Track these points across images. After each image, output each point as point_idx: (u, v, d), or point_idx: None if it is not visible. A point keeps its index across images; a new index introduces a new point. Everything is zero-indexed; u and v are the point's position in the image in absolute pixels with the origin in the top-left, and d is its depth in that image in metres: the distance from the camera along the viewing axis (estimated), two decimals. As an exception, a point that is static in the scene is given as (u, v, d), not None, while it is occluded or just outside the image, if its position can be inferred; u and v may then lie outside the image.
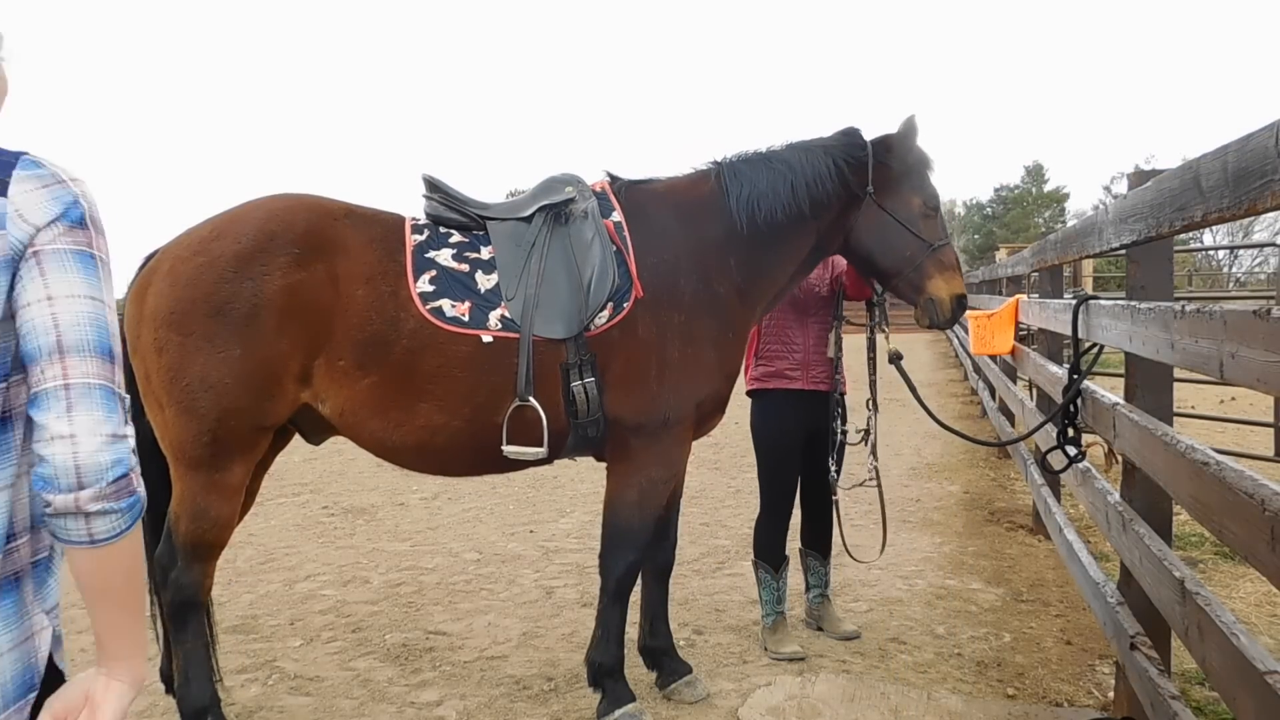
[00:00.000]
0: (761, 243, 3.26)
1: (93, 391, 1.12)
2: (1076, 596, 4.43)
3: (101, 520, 1.11)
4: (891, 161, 3.33)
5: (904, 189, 3.35)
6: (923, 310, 3.39)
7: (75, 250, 1.17)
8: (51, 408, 1.11)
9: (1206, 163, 1.85)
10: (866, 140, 3.38)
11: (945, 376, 16.35)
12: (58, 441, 1.10)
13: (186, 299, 2.82)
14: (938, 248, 3.36)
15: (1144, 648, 2.68)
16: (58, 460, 1.10)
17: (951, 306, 3.37)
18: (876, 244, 3.35)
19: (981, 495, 6.92)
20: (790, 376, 3.88)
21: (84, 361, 1.12)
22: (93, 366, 1.13)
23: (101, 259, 1.20)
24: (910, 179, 3.36)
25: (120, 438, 1.13)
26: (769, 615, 3.94)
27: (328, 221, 2.98)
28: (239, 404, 2.82)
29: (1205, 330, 1.92)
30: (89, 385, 1.12)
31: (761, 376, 3.93)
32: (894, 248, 3.34)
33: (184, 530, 2.91)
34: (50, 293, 1.13)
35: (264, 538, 5.92)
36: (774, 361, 3.91)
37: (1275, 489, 1.65)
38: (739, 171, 3.29)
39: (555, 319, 2.97)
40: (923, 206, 3.36)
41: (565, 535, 5.89)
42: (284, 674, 3.74)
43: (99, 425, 1.11)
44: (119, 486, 1.11)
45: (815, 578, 4.13)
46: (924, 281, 3.34)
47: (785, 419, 3.89)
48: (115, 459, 1.11)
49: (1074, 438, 3.30)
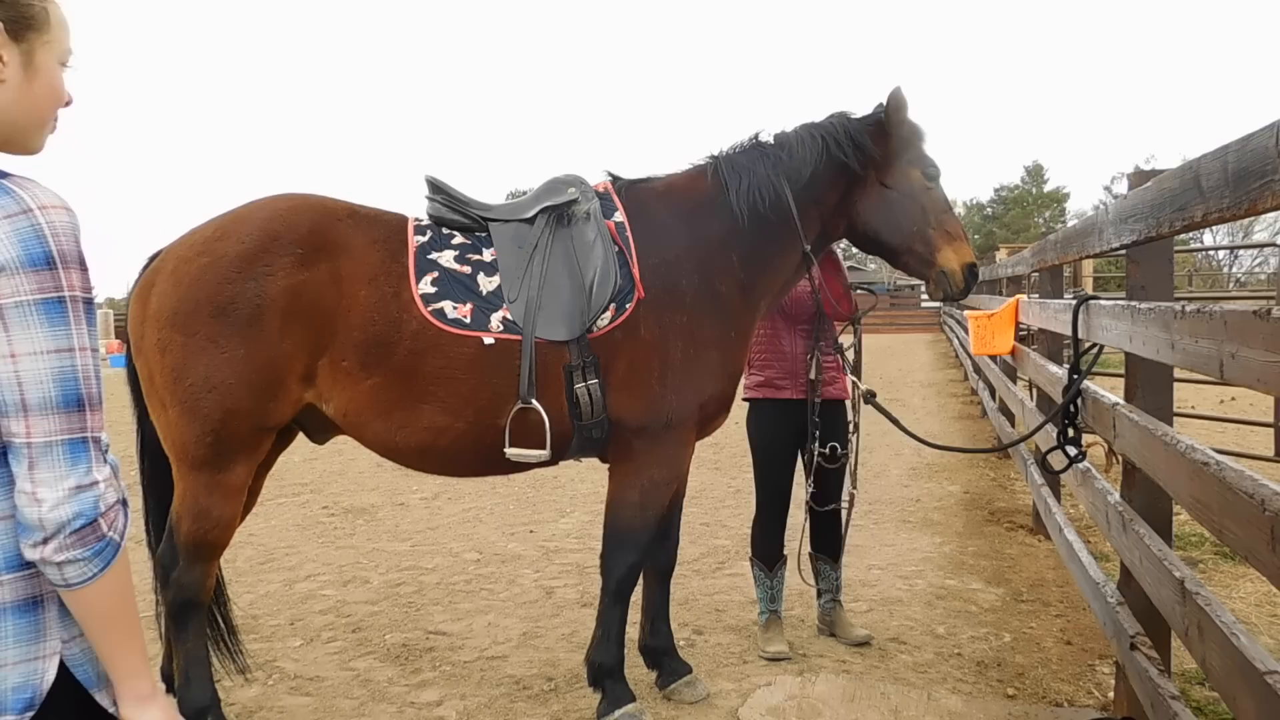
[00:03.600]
0: (765, 235, 3.24)
1: (53, 448, 1.13)
2: (1076, 596, 4.44)
3: (71, 568, 1.14)
4: (887, 137, 3.30)
5: (902, 163, 3.32)
6: (935, 283, 3.36)
7: (39, 300, 1.13)
8: (19, 463, 1.15)
9: (1206, 163, 1.85)
10: (859, 118, 3.36)
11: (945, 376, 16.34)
12: (22, 496, 1.15)
13: (190, 299, 2.82)
14: (943, 218, 3.34)
15: (1144, 648, 2.68)
16: (23, 514, 1.15)
17: (964, 276, 3.33)
18: (883, 222, 3.33)
19: (981, 495, 6.93)
20: (779, 385, 3.89)
21: (45, 419, 1.13)
22: (55, 424, 1.13)
23: (71, 298, 1.15)
24: (906, 152, 3.33)
25: (83, 488, 1.14)
26: (762, 613, 3.97)
27: (331, 222, 2.98)
28: (242, 404, 2.82)
29: (1205, 330, 1.92)
30: (49, 443, 1.13)
31: (753, 385, 3.96)
32: (900, 224, 3.32)
33: (186, 530, 2.91)
34: (13, 350, 1.13)
35: (264, 538, 5.92)
36: (764, 370, 3.93)
37: (1275, 489, 1.66)
38: (736, 164, 3.28)
39: (558, 321, 2.97)
40: (922, 178, 3.34)
41: (565, 535, 5.89)
42: (284, 674, 3.74)
43: (60, 481, 1.13)
44: (80, 536, 1.13)
45: (825, 582, 4.10)
46: (933, 254, 3.31)
47: (777, 426, 3.92)
48: (75, 512, 1.13)
49: (1074, 438, 3.30)
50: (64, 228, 1.17)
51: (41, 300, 1.13)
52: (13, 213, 1.14)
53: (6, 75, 1.24)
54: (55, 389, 1.14)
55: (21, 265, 1.12)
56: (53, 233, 1.15)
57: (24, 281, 1.12)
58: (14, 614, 1.20)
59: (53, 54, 1.28)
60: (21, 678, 1.20)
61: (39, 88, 1.27)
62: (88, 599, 1.18)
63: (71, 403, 1.15)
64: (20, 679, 1.20)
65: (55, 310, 1.14)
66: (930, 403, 12.75)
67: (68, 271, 1.15)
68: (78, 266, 1.17)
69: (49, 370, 1.14)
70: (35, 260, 1.13)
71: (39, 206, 1.16)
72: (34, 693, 1.21)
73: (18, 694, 1.20)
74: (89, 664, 1.27)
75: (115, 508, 1.18)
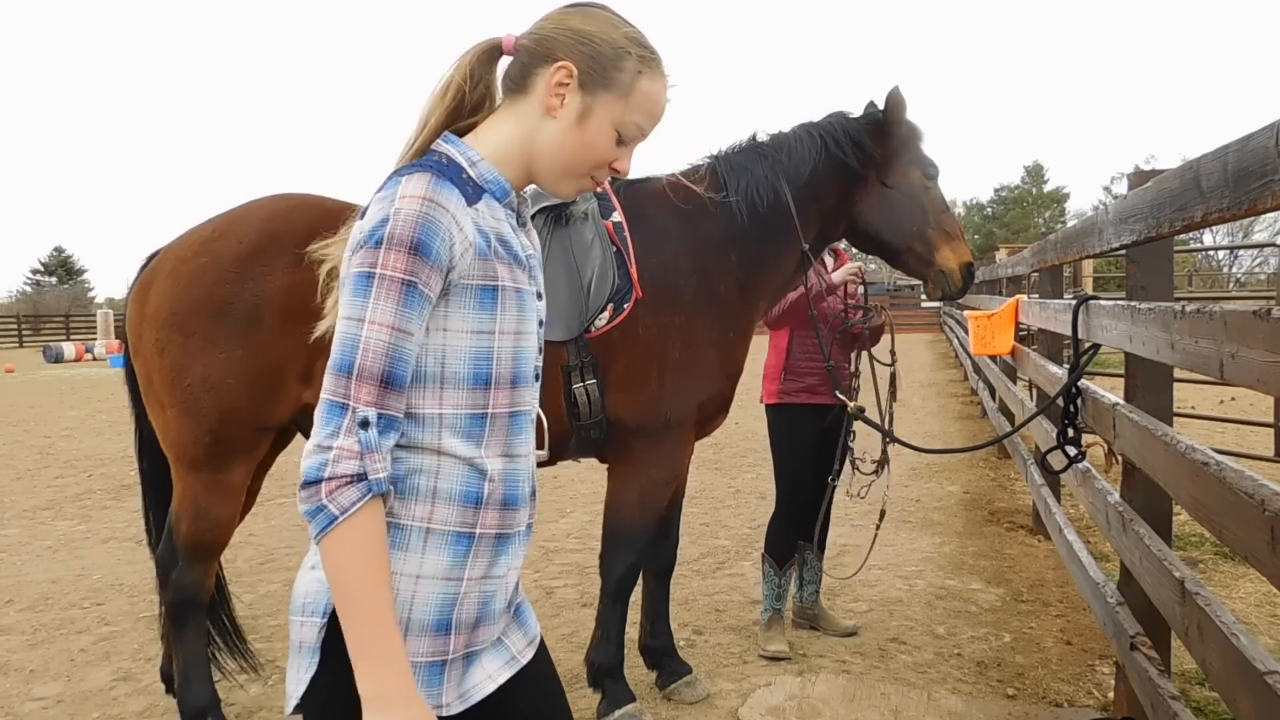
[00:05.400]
0: (763, 234, 3.23)
1: (322, 405, 1.21)
2: (1076, 596, 4.43)
3: (309, 519, 1.19)
4: (886, 136, 3.31)
5: (903, 162, 3.33)
6: (934, 283, 3.38)
7: (355, 273, 1.22)
8: None
9: (1206, 163, 1.85)
10: (857, 118, 3.36)
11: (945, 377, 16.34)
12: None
13: (188, 299, 2.81)
14: (941, 217, 3.35)
15: (1144, 648, 2.68)
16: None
17: (962, 275, 3.36)
18: (884, 222, 3.34)
19: (981, 495, 6.92)
20: (818, 391, 3.93)
21: (327, 376, 1.22)
22: (329, 382, 1.21)
23: (380, 275, 1.20)
24: (906, 151, 3.34)
25: (320, 449, 1.18)
26: (766, 611, 3.97)
27: (330, 221, 2.95)
28: (240, 405, 2.82)
29: (1205, 330, 1.91)
30: (321, 399, 1.21)
31: (791, 391, 3.98)
32: (900, 224, 3.33)
33: (184, 530, 2.91)
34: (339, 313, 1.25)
35: (264, 538, 5.92)
36: (804, 378, 3.95)
37: (1275, 489, 1.65)
38: (734, 163, 3.27)
39: (555, 321, 2.96)
40: (922, 178, 3.35)
41: (565, 535, 5.89)
42: (284, 674, 3.73)
43: (314, 436, 1.20)
44: (306, 493, 1.18)
45: (811, 573, 4.15)
46: (933, 254, 3.33)
47: (808, 429, 3.97)
48: (305, 467, 1.19)
49: (1074, 438, 3.29)
50: (406, 215, 1.22)
51: (357, 273, 1.21)
52: (383, 200, 1.24)
53: (559, 116, 1.34)
54: (337, 352, 1.21)
55: (363, 243, 1.22)
56: (394, 218, 1.22)
57: (357, 257, 1.22)
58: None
59: (614, 118, 1.35)
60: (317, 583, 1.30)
61: (581, 139, 1.35)
62: (321, 558, 1.22)
63: (343, 367, 1.20)
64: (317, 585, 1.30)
65: (362, 283, 1.21)
66: (930, 403, 12.75)
67: (389, 252, 1.21)
68: (406, 250, 1.21)
69: (340, 334, 1.22)
70: (370, 239, 1.22)
71: (400, 195, 1.23)
72: (327, 599, 1.27)
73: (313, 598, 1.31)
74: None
75: (345, 481, 1.17)
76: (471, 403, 1.31)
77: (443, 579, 1.30)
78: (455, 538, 1.30)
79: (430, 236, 1.22)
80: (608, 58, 1.34)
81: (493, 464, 1.34)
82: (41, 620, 4.45)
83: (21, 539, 6.07)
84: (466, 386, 1.30)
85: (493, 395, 1.33)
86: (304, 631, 1.30)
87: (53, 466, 8.87)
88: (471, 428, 1.31)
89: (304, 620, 1.31)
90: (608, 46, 1.34)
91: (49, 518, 6.69)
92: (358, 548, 1.18)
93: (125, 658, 3.94)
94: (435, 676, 1.30)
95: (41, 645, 4.12)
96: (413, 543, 1.29)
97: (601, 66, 1.33)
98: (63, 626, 4.35)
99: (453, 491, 1.30)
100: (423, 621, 1.29)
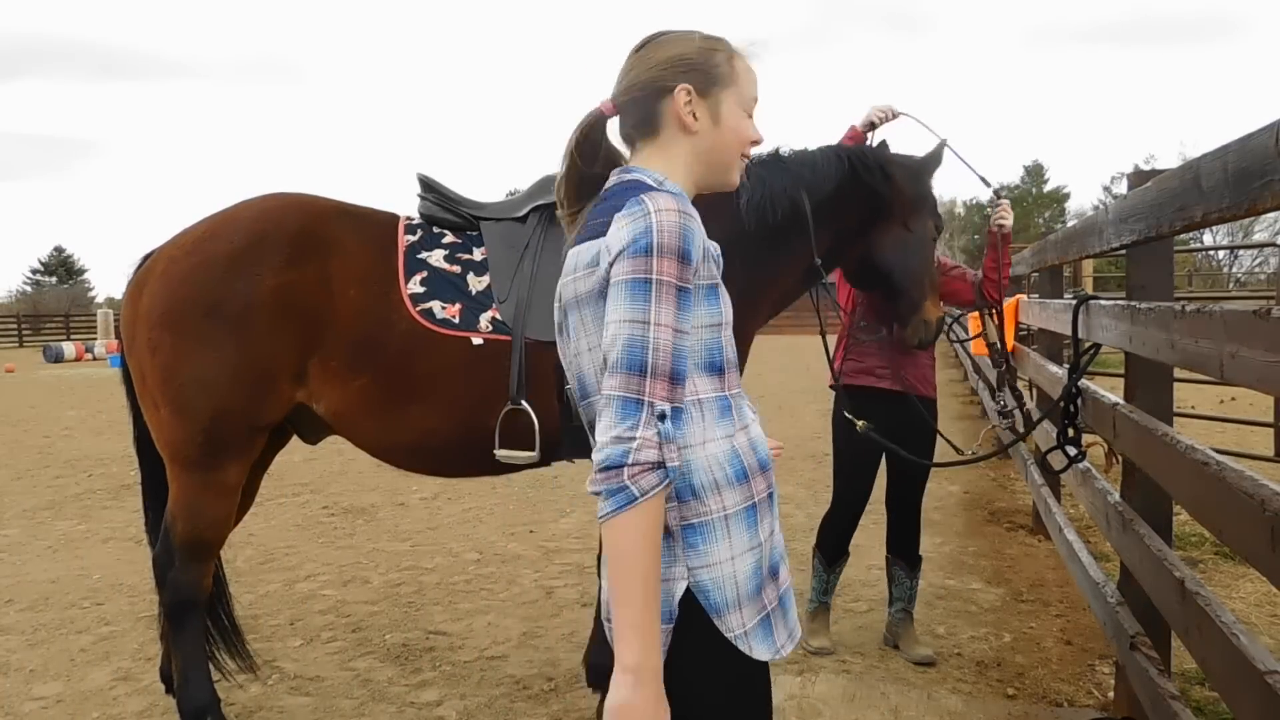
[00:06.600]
0: (773, 241, 3.19)
1: (612, 402, 1.32)
2: (1076, 596, 4.43)
3: (600, 501, 1.31)
4: (920, 183, 3.39)
5: (924, 212, 3.42)
6: (913, 329, 3.45)
7: (629, 280, 1.35)
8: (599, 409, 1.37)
9: (1206, 163, 1.85)
10: (896, 154, 3.40)
11: (945, 377, 16.33)
12: (593, 437, 1.40)
13: (180, 299, 2.81)
14: (934, 272, 3.51)
15: (1144, 648, 2.68)
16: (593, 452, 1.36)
17: (936, 328, 3.50)
18: (897, 261, 3.35)
19: (981, 495, 6.92)
20: (879, 375, 3.77)
21: (612, 376, 1.33)
22: (616, 381, 1.32)
23: (657, 281, 1.34)
24: (928, 202, 3.45)
25: (621, 439, 1.30)
26: (812, 602, 3.95)
27: (320, 221, 2.96)
28: (233, 404, 2.81)
29: (1205, 330, 1.91)
30: (610, 397, 1.33)
31: (850, 372, 3.77)
32: (910, 267, 3.37)
33: (180, 530, 2.90)
34: (609, 318, 1.37)
35: (264, 538, 5.92)
36: (865, 358, 3.78)
37: (1275, 489, 1.65)
38: (752, 172, 3.23)
39: (548, 321, 2.94)
40: (934, 230, 3.47)
41: (565, 535, 5.89)
42: (284, 674, 3.74)
43: (608, 430, 1.32)
44: (606, 475, 1.29)
45: (899, 590, 3.93)
46: (922, 303, 3.42)
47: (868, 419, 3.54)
48: (608, 455, 1.30)
49: (1074, 438, 3.29)
50: (668, 225, 1.36)
51: (631, 280, 1.34)
52: (637, 215, 1.38)
53: (699, 128, 1.52)
54: (623, 352, 1.33)
55: (627, 253, 1.36)
56: (658, 228, 1.36)
57: (626, 265, 1.35)
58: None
59: (737, 103, 1.55)
60: (665, 594, 1.42)
61: (725, 134, 1.55)
62: (605, 535, 1.31)
63: (635, 366, 1.32)
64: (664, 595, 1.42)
65: (640, 289, 1.34)
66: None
67: (661, 259, 1.35)
68: (675, 258, 1.36)
69: (623, 336, 1.33)
70: (637, 249, 1.35)
71: (655, 210, 1.37)
72: (669, 608, 1.42)
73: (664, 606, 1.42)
74: (714, 591, 1.44)
75: (647, 467, 1.29)
76: (714, 388, 1.48)
77: (748, 550, 1.47)
78: (746, 512, 1.47)
79: (689, 243, 1.38)
80: (704, 63, 1.52)
81: (739, 439, 1.49)
82: (41, 620, 4.45)
83: (21, 539, 6.07)
84: (709, 375, 1.47)
85: (726, 380, 1.51)
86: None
87: (53, 466, 8.87)
88: (721, 411, 1.48)
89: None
90: (697, 55, 1.53)
91: (49, 518, 6.69)
92: (646, 529, 1.30)
93: (125, 658, 3.94)
94: (766, 630, 1.49)
95: (41, 645, 4.12)
96: (718, 532, 1.45)
97: (705, 72, 1.52)
98: (63, 626, 4.35)
99: (729, 476, 1.46)
100: (747, 591, 1.46)
